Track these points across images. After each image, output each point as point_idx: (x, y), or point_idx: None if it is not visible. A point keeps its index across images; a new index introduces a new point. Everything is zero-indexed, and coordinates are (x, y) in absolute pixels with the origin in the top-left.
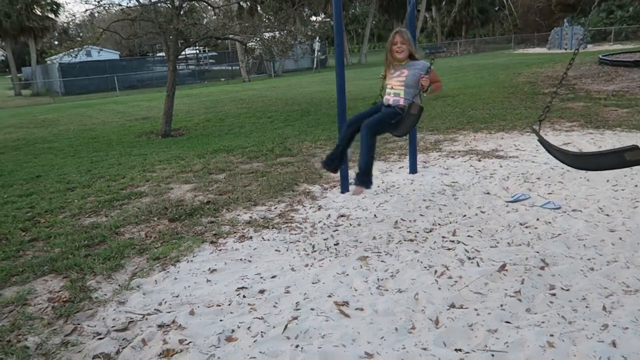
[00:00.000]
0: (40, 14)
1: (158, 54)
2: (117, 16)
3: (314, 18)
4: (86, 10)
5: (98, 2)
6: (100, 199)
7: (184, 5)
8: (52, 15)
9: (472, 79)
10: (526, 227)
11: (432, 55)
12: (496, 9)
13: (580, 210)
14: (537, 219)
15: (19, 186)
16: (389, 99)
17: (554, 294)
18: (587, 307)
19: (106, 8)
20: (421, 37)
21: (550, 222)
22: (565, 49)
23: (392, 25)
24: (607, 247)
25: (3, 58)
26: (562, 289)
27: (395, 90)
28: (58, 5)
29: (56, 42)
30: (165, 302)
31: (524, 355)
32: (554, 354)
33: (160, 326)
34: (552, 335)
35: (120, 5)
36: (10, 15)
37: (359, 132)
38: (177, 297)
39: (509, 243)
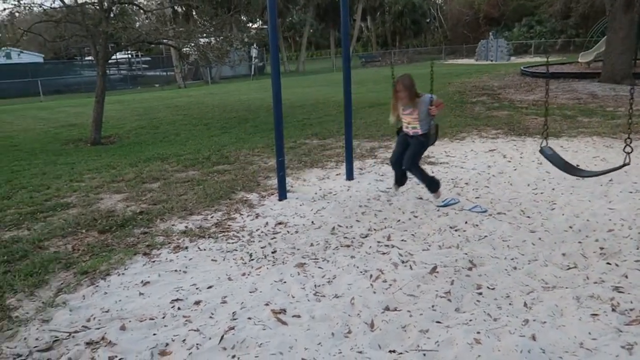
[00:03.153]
0: None
1: (87, 58)
2: (40, 17)
3: (251, 25)
4: (4, 9)
5: (18, 1)
6: (22, 210)
7: (113, 7)
8: None
9: None
10: (456, 230)
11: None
12: (427, 20)
13: (505, 213)
14: (466, 222)
15: None
16: (409, 131)
17: (480, 293)
18: (510, 304)
19: (28, 8)
20: (357, 46)
21: (477, 225)
22: (491, 61)
23: (329, 33)
24: (528, 247)
25: None
26: (488, 288)
27: (412, 125)
28: None
29: None
30: (94, 317)
31: (453, 353)
32: (480, 350)
33: (88, 344)
34: (478, 333)
35: (42, 6)
36: None
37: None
38: (107, 312)
39: (439, 246)
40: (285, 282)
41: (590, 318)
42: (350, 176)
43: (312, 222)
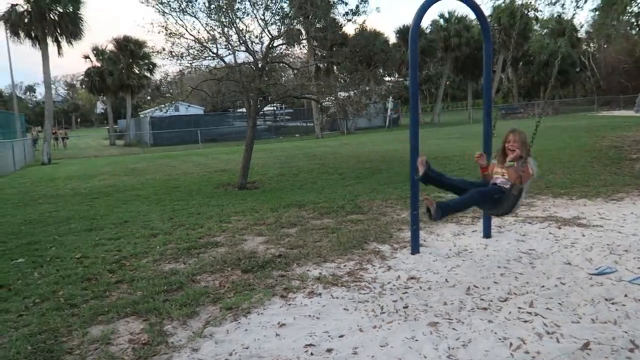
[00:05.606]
0: (138, 72)
1: (238, 110)
2: (205, 76)
3: (387, 78)
4: (179, 70)
5: (190, 63)
6: (179, 246)
7: (266, 66)
8: (148, 74)
9: (551, 142)
10: (613, 304)
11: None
12: (577, 70)
13: None
14: (625, 295)
15: (109, 230)
16: (497, 178)
17: None
18: None
19: (196, 69)
20: (497, 98)
21: None
22: None
23: (466, 85)
24: None
25: (103, 111)
26: None
27: (505, 176)
28: (154, 65)
29: (149, 98)
30: (236, 352)
31: None
32: None
33: None
34: None
35: (208, 66)
36: (113, 73)
37: (462, 191)
38: (246, 348)
39: (592, 319)
40: (417, 340)
41: None
42: (487, 234)
43: (446, 279)
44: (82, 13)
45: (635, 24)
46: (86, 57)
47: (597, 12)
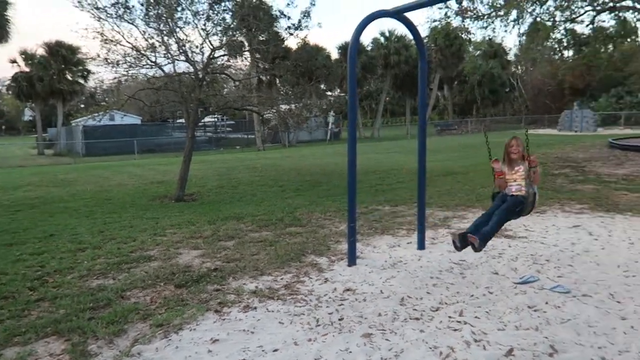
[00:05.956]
0: (70, 78)
1: (178, 120)
2: (142, 85)
3: (329, 93)
4: (115, 78)
5: (127, 71)
6: (109, 261)
7: (206, 77)
8: (81, 81)
9: (482, 157)
10: (535, 311)
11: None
12: (507, 90)
13: (591, 296)
14: (546, 303)
15: (32, 244)
16: (512, 186)
17: None
18: None
19: (133, 77)
20: (433, 115)
21: (559, 307)
22: (576, 131)
23: (405, 101)
24: (619, 335)
25: (31, 118)
26: None
27: (517, 182)
28: (88, 71)
29: (82, 106)
30: None
31: None
32: None
33: None
34: None
35: (146, 75)
36: (43, 79)
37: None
38: None
39: (516, 326)
40: (351, 351)
41: None
42: (421, 245)
43: (381, 290)
44: (9, 15)
45: (557, 49)
46: (13, 61)
47: (524, 37)
